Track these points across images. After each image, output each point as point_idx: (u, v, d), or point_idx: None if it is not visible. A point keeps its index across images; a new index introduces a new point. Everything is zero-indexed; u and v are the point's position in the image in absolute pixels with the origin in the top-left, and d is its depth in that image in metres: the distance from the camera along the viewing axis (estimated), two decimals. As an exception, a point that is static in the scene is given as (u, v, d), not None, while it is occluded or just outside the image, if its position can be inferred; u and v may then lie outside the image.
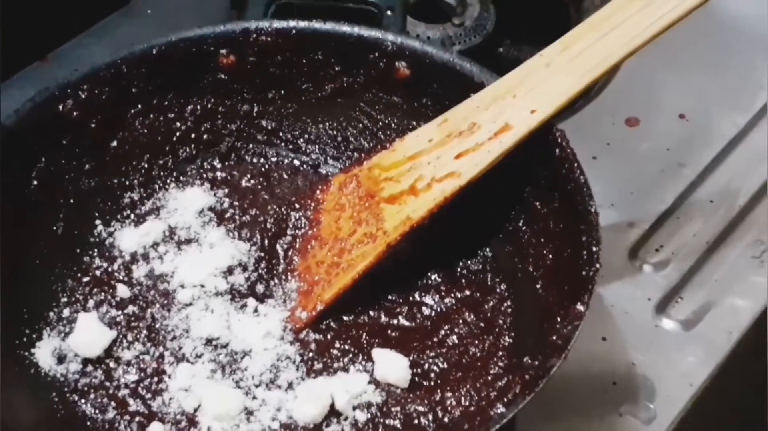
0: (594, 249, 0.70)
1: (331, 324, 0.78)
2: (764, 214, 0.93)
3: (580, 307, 0.67)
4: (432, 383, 0.74)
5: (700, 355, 0.83)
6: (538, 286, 0.76)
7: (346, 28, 0.85)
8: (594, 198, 0.73)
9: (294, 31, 0.86)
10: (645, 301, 0.86)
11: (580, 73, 0.77)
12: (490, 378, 0.74)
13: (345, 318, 0.79)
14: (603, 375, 0.81)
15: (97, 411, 0.73)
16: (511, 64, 0.81)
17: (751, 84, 1.04)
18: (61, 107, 0.81)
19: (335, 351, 0.76)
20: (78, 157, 0.82)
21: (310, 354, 0.76)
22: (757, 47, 1.08)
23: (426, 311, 0.79)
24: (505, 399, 0.68)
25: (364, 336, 0.77)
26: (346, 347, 0.77)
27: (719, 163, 0.98)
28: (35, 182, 0.79)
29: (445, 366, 0.75)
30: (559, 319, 0.69)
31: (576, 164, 0.75)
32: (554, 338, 0.67)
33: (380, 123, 0.88)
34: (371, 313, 0.79)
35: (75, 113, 0.81)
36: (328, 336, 0.77)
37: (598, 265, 0.69)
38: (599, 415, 0.79)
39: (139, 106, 0.85)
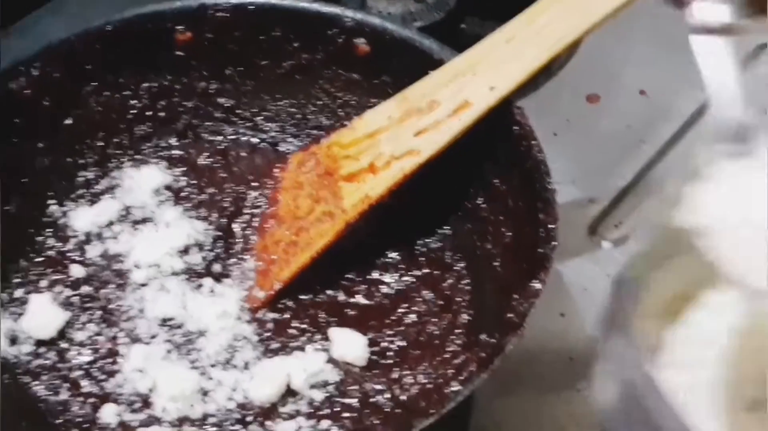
0: (551, 226, 0.70)
1: (289, 303, 0.77)
2: (723, 191, 0.93)
3: (536, 285, 0.67)
4: (390, 361, 0.74)
5: None
6: (496, 264, 0.76)
7: (304, 4, 0.84)
8: (552, 175, 0.72)
9: (252, 6, 0.84)
10: (604, 277, 0.86)
11: (541, 48, 0.76)
12: (447, 355, 0.73)
13: (303, 297, 0.78)
14: (560, 351, 0.81)
15: (50, 393, 0.72)
16: (473, 40, 0.80)
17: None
18: (13, 85, 0.79)
19: (292, 331, 0.76)
20: (31, 135, 0.81)
21: (267, 334, 0.75)
22: (718, 23, 1.07)
23: (384, 289, 0.79)
24: (461, 377, 0.68)
25: (321, 315, 0.77)
26: (304, 326, 0.76)
27: (679, 139, 0.97)
28: None
29: (404, 344, 0.75)
30: (516, 296, 0.68)
31: (534, 141, 0.74)
32: (511, 315, 0.67)
33: (339, 100, 0.87)
34: (329, 292, 0.78)
35: (27, 91, 0.80)
36: (286, 316, 0.77)
37: (554, 243, 0.69)
38: (557, 391, 0.79)
39: (94, 83, 0.83)
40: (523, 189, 0.74)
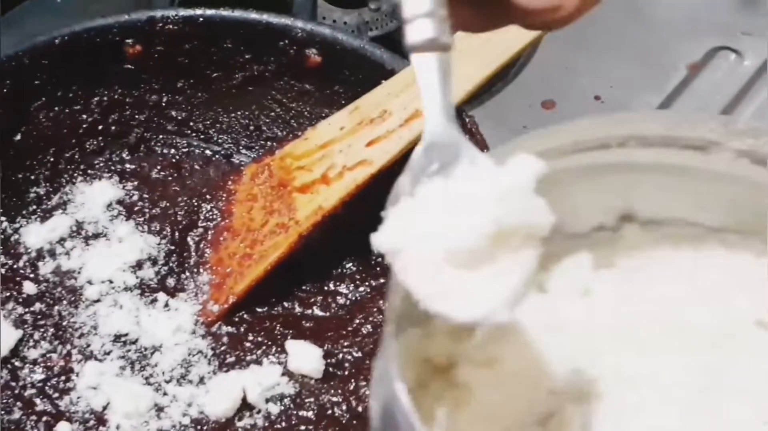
0: None
1: (245, 316, 0.77)
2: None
3: None
4: (346, 372, 0.74)
5: None
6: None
7: (254, 16, 0.84)
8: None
9: (201, 19, 0.84)
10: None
11: (489, 58, 0.77)
12: (403, 366, 0.73)
13: (258, 310, 0.78)
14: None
15: (2, 412, 0.71)
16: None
17: (666, 63, 1.05)
18: (-40, 101, 0.79)
19: (248, 344, 0.76)
20: (-21, 152, 0.80)
21: (223, 348, 0.75)
22: (671, 26, 1.09)
23: (341, 300, 0.79)
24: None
25: (278, 328, 0.77)
26: (260, 339, 0.76)
27: (633, 144, 0.98)
28: None
29: (360, 355, 0.75)
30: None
31: (486, 149, 0.74)
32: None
33: (293, 111, 0.87)
34: (285, 304, 0.78)
35: (-26, 107, 0.79)
36: (241, 329, 0.77)
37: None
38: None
39: (43, 98, 0.83)
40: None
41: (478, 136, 0.75)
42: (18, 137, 0.82)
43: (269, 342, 0.76)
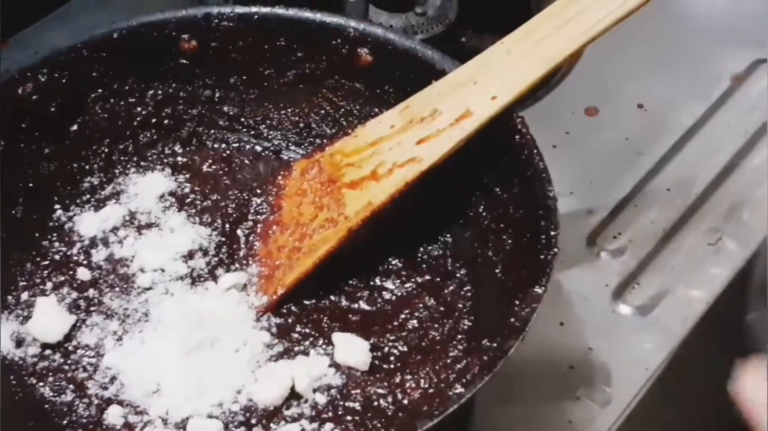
0: (552, 233, 0.71)
1: (292, 308, 0.79)
2: (720, 203, 0.95)
3: (538, 290, 0.68)
4: (392, 366, 0.75)
5: (655, 341, 0.84)
6: (497, 271, 0.77)
7: (308, 14, 0.86)
8: (553, 184, 0.74)
9: (256, 16, 0.86)
10: (602, 287, 0.88)
11: (540, 60, 0.78)
12: (449, 361, 0.74)
13: (306, 302, 0.79)
14: (560, 359, 0.82)
15: (55, 394, 0.73)
16: (472, 53, 0.82)
17: (709, 74, 1.06)
18: (20, 90, 0.80)
19: (296, 335, 0.77)
20: (37, 140, 0.82)
21: (272, 338, 0.76)
22: (715, 37, 1.10)
23: (386, 295, 0.80)
24: (464, 380, 0.69)
25: (324, 320, 0.78)
26: (307, 331, 0.77)
27: (677, 152, 0.99)
28: None
29: (405, 349, 0.76)
30: (517, 302, 0.69)
31: (535, 150, 0.76)
32: (512, 320, 0.68)
33: (342, 109, 0.89)
34: (332, 298, 0.79)
35: (34, 97, 0.81)
36: (289, 320, 0.78)
37: (556, 249, 0.70)
38: (556, 399, 0.80)
39: (100, 90, 0.85)
40: (524, 197, 0.76)
41: (528, 136, 0.76)
42: (74, 127, 0.84)
43: (316, 334, 0.77)
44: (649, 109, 1.03)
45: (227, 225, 0.83)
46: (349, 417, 0.72)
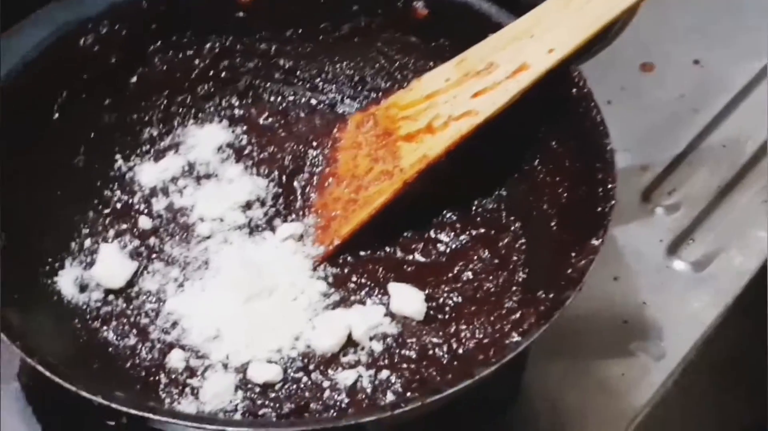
0: (609, 185, 0.72)
1: (348, 258, 0.80)
2: (775, 160, 0.94)
3: (595, 242, 0.69)
4: (447, 316, 0.76)
5: (709, 296, 0.84)
6: (552, 224, 0.77)
7: (364, -33, 0.86)
8: (610, 136, 0.74)
9: (313, -32, 0.86)
10: (657, 243, 0.88)
11: (598, 13, 0.78)
12: (504, 311, 0.75)
13: (362, 253, 0.80)
14: (614, 314, 0.83)
15: (118, 338, 0.75)
16: (527, 8, 0.82)
17: (766, 31, 1.05)
18: (82, 41, 0.82)
19: (352, 285, 0.78)
20: (98, 91, 0.84)
21: (328, 287, 0.78)
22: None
23: (441, 247, 0.81)
24: (521, 329, 0.70)
25: (380, 271, 0.79)
26: (363, 281, 0.78)
27: (732, 110, 0.98)
28: (57, 115, 0.81)
29: (460, 300, 0.77)
30: (573, 254, 0.70)
31: (593, 103, 0.76)
32: (569, 272, 0.69)
33: (397, 63, 0.89)
34: (387, 249, 0.81)
35: (96, 48, 0.83)
36: (345, 270, 0.79)
37: (613, 201, 0.71)
38: (610, 352, 0.80)
39: (159, 42, 0.86)
40: (581, 150, 0.76)
41: (586, 89, 0.77)
42: (134, 79, 0.86)
43: (372, 284, 0.78)
44: (705, 65, 1.03)
45: (284, 177, 0.85)
46: (404, 365, 0.73)
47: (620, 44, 1.03)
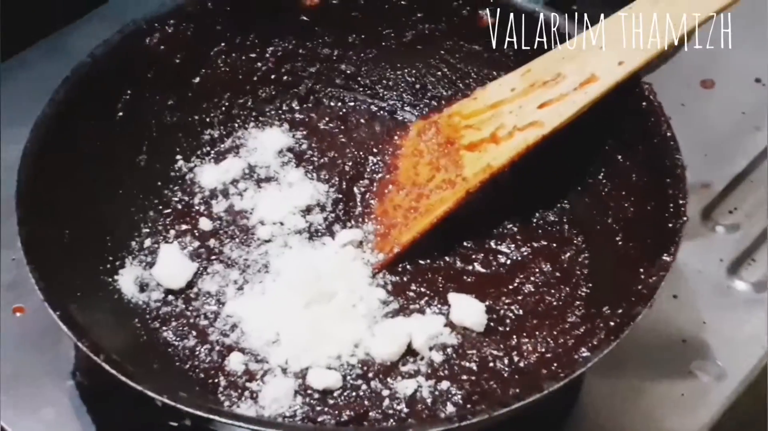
0: (681, 201, 0.70)
1: (408, 267, 0.79)
2: (838, 181, 0.92)
3: (666, 258, 0.68)
4: (507, 329, 0.75)
5: None
6: (617, 238, 0.76)
7: (430, -26, 0.85)
8: (681, 151, 0.73)
9: (379, -26, 0.86)
10: (717, 262, 0.86)
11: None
12: (567, 326, 0.74)
13: (421, 262, 0.79)
14: (673, 332, 0.81)
15: (178, 339, 0.74)
16: (594, 21, 0.81)
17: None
18: (147, 40, 0.82)
19: (411, 293, 0.77)
20: (161, 91, 0.83)
21: (388, 295, 0.77)
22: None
23: (502, 259, 0.80)
24: (590, 345, 0.68)
25: (440, 281, 0.78)
26: (422, 290, 0.77)
27: (796, 129, 0.97)
28: (120, 114, 0.80)
29: (521, 313, 0.76)
30: (642, 270, 0.69)
31: (663, 117, 0.75)
32: (639, 287, 0.67)
33: (459, 71, 0.88)
34: (447, 259, 0.80)
35: (161, 47, 0.82)
36: (405, 279, 0.78)
37: (685, 218, 0.69)
38: (669, 371, 0.79)
39: (222, 44, 0.86)
40: (649, 164, 0.75)
41: (656, 103, 0.76)
42: (197, 80, 0.85)
43: (432, 293, 0.77)
44: (766, 83, 1.01)
45: (344, 183, 0.84)
46: (464, 377, 0.72)
47: (680, 60, 1.02)
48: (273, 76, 0.88)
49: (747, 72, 1.02)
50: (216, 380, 0.72)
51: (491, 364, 0.73)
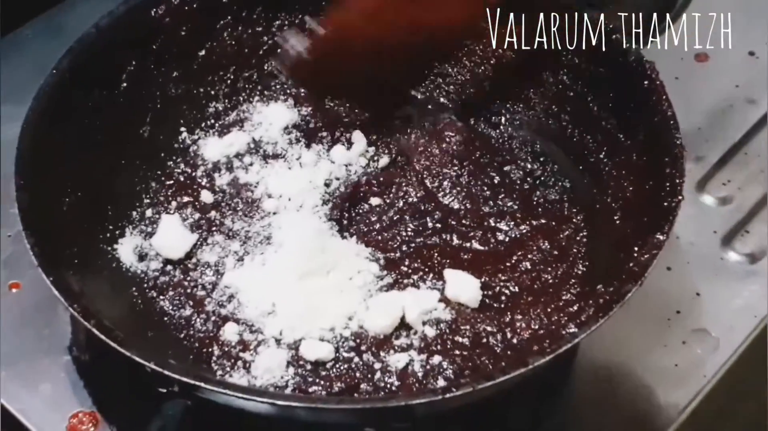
0: (677, 180, 0.64)
1: (404, 244, 0.72)
2: (831, 151, 0.83)
3: (660, 236, 0.62)
4: (502, 305, 0.69)
5: (763, 288, 0.76)
6: (616, 217, 0.70)
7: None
8: (680, 130, 0.63)
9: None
10: (711, 234, 0.79)
11: None
12: (561, 303, 0.68)
13: (418, 239, 0.72)
14: (667, 304, 0.74)
15: (174, 308, 0.68)
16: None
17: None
18: (153, 12, 0.75)
19: (405, 269, 0.71)
20: (167, 63, 0.77)
21: (382, 270, 0.70)
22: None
23: (500, 236, 0.73)
24: (578, 321, 0.61)
25: (435, 257, 0.72)
26: (416, 265, 0.71)
27: (789, 101, 0.87)
28: (125, 84, 0.74)
29: (517, 290, 0.69)
30: (636, 248, 0.62)
31: (664, 96, 0.69)
32: (631, 265, 0.61)
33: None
34: (445, 236, 0.73)
35: (166, 19, 0.76)
36: (400, 254, 0.72)
37: (680, 197, 0.63)
38: (663, 342, 0.72)
39: (228, 17, 0.79)
40: (649, 144, 0.68)
41: (658, 82, 0.68)
42: (202, 52, 0.79)
43: (426, 269, 0.71)
44: (760, 56, 0.92)
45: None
46: (457, 352, 0.66)
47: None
48: (278, 50, 0.78)
49: (740, 45, 0.92)
50: (210, 349, 0.66)
51: (484, 340, 0.67)
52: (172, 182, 0.74)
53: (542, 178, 0.74)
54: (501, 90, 0.78)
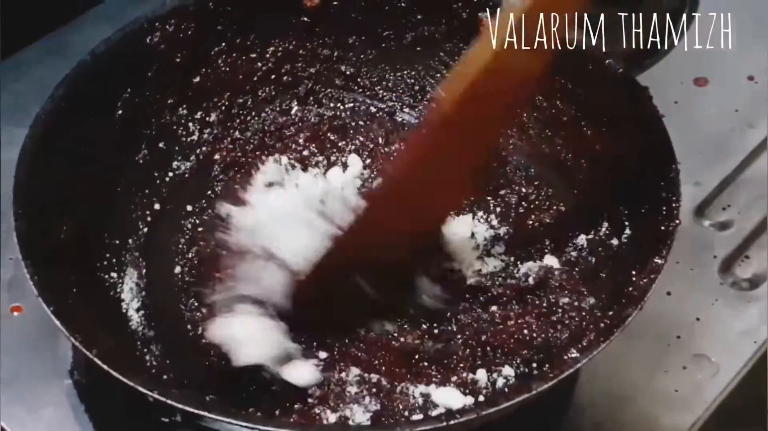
0: (674, 205, 0.66)
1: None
2: (832, 178, 0.87)
3: (658, 260, 0.63)
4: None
5: (764, 314, 0.78)
6: (613, 242, 0.71)
7: (429, -25, 0.80)
8: (675, 155, 0.68)
9: (379, -25, 0.81)
10: (710, 259, 0.81)
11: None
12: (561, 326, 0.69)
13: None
14: (667, 329, 0.77)
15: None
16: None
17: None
18: (148, 39, 0.77)
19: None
20: (162, 90, 0.79)
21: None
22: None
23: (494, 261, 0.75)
24: (579, 346, 0.63)
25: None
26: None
27: (789, 126, 0.91)
28: (120, 111, 0.76)
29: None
30: (634, 273, 0.64)
31: (659, 121, 0.70)
32: (630, 290, 0.63)
33: (458, 73, 0.83)
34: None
35: (162, 46, 0.78)
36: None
37: (677, 221, 0.65)
38: (663, 368, 0.74)
39: (223, 44, 0.81)
40: (644, 168, 0.70)
41: (654, 108, 0.71)
42: (197, 79, 0.81)
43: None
44: (759, 81, 0.96)
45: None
46: None
47: (674, 58, 0.97)
48: (273, 77, 0.84)
49: (740, 69, 0.96)
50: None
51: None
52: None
53: (536, 202, 0.77)
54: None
